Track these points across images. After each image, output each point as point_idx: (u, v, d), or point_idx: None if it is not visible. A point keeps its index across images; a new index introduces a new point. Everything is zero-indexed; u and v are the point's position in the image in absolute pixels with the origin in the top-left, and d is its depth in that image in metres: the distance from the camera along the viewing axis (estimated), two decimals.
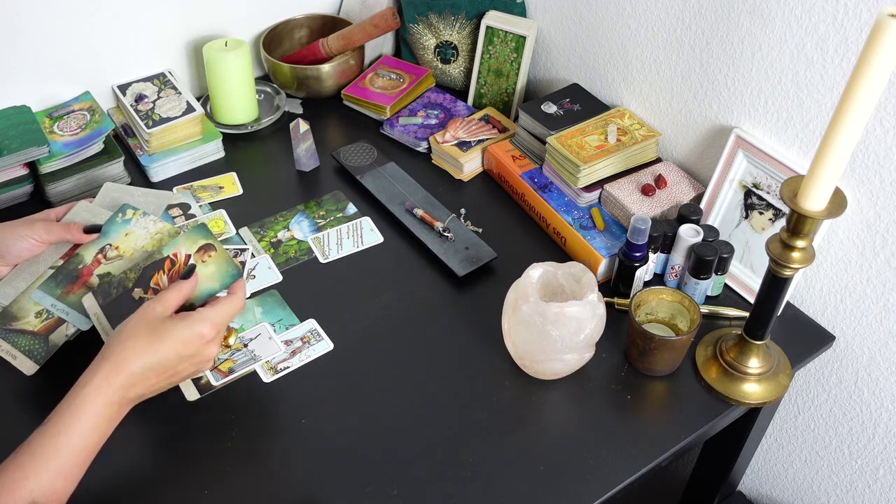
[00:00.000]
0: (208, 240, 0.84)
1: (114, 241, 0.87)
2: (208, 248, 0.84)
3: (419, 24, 1.33)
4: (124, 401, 0.74)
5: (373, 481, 0.81)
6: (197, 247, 0.84)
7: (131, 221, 0.89)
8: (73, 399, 0.71)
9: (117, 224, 0.88)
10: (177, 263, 0.84)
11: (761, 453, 1.22)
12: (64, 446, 0.69)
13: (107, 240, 0.87)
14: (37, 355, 0.85)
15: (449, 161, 1.21)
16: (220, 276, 0.83)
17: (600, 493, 0.81)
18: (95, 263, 0.86)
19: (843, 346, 0.99)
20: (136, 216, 0.89)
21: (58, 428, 0.70)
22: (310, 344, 0.95)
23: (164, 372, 0.76)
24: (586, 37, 1.20)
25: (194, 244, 0.84)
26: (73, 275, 0.86)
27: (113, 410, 0.73)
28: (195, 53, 1.30)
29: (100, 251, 0.87)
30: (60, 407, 0.71)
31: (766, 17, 0.91)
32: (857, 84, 0.64)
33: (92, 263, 0.86)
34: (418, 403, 0.89)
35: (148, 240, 0.88)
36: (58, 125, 1.16)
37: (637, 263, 0.96)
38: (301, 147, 1.17)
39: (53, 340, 0.86)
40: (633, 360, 0.92)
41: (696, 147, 1.09)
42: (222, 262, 0.84)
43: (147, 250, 0.88)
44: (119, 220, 0.88)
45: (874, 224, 0.89)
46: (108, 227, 0.88)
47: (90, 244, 0.87)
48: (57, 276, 0.86)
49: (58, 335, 0.86)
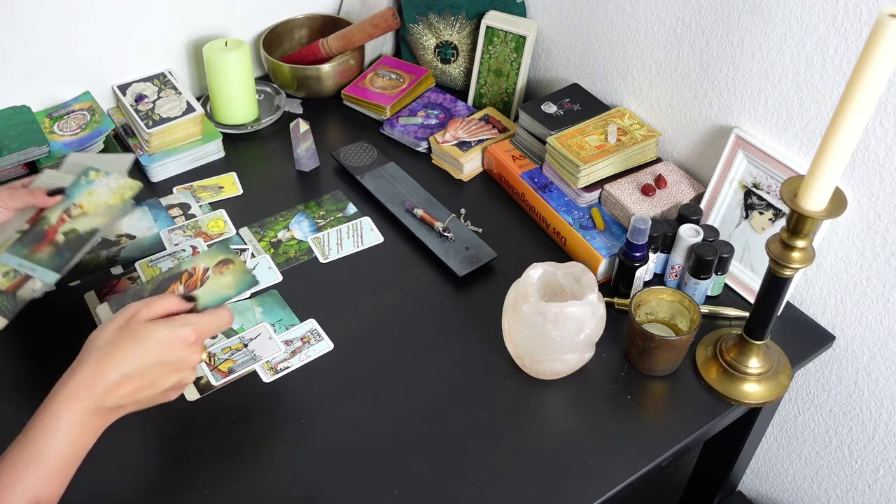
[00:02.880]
0: (228, 255, 0.85)
1: (78, 201, 0.89)
2: (227, 262, 0.84)
3: (419, 24, 1.33)
4: (101, 410, 0.69)
5: (373, 481, 0.81)
6: (216, 261, 0.84)
7: (94, 182, 0.91)
8: (49, 406, 0.68)
9: (81, 185, 0.90)
10: (195, 275, 0.84)
11: (761, 453, 1.22)
12: (42, 457, 0.66)
13: (71, 200, 0.89)
14: (5, 311, 0.86)
15: (449, 161, 1.21)
16: (236, 284, 0.83)
17: (600, 493, 0.81)
18: (60, 223, 0.88)
19: (843, 346, 0.99)
20: (99, 177, 0.91)
21: (34, 437, 0.66)
22: (310, 344, 0.95)
23: (144, 377, 0.71)
24: (586, 37, 1.20)
25: (214, 259, 0.85)
26: (38, 235, 0.88)
27: (90, 419, 0.69)
28: (195, 53, 1.30)
29: (64, 211, 0.89)
30: (37, 415, 0.68)
31: (766, 17, 0.91)
32: (857, 84, 0.64)
33: (57, 223, 0.88)
34: (418, 403, 0.89)
35: (111, 195, 0.90)
36: (58, 125, 1.16)
37: (637, 263, 0.96)
38: (301, 147, 1.17)
39: (21, 296, 0.87)
40: (633, 360, 0.92)
41: (696, 147, 1.09)
42: (240, 273, 0.84)
43: (110, 205, 0.90)
44: (83, 182, 0.90)
45: (874, 224, 0.89)
46: (72, 190, 0.90)
47: (55, 206, 0.89)
48: (23, 238, 0.87)
49: (25, 291, 0.87)
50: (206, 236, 1.08)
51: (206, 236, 1.08)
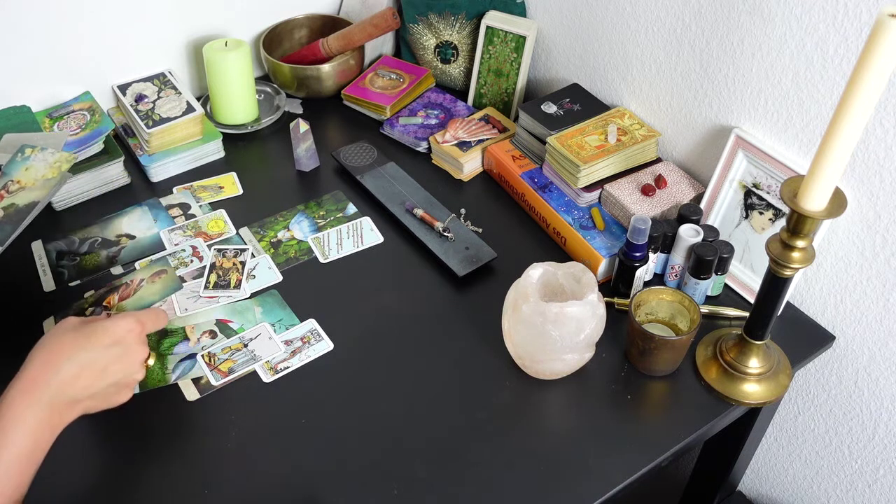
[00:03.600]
0: (163, 266, 0.92)
1: (15, 177, 0.92)
2: (161, 272, 0.93)
3: (419, 24, 1.33)
4: (56, 404, 0.69)
5: (373, 481, 0.81)
6: (152, 272, 0.93)
7: (30, 157, 0.93)
8: (2, 404, 0.67)
9: (17, 162, 0.93)
10: (130, 286, 0.91)
11: (761, 453, 1.22)
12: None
13: (7, 178, 0.91)
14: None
15: (449, 161, 1.21)
16: (162, 291, 0.91)
17: (600, 493, 0.81)
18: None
19: (843, 346, 0.99)
20: (34, 153, 0.94)
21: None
22: (310, 344, 0.95)
23: (94, 365, 0.71)
24: (586, 37, 1.20)
25: (150, 270, 0.93)
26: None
27: (45, 413, 0.68)
28: (195, 53, 1.30)
29: (2, 188, 0.91)
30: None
31: (766, 17, 0.91)
32: (857, 84, 0.64)
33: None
34: (418, 403, 0.89)
35: (48, 168, 0.93)
36: (58, 125, 1.16)
37: (637, 263, 0.96)
38: (301, 147, 1.17)
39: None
40: (633, 360, 0.92)
41: (696, 147, 1.09)
42: (169, 281, 0.92)
43: (48, 178, 0.92)
44: (19, 159, 0.93)
45: (874, 224, 0.89)
46: (9, 168, 0.92)
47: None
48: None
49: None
50: (206, 236, 1.08)
51: (206, 236, 1.08)
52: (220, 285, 1.01)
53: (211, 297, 0.99)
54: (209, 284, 1.01)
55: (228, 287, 1.01)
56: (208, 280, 1.01)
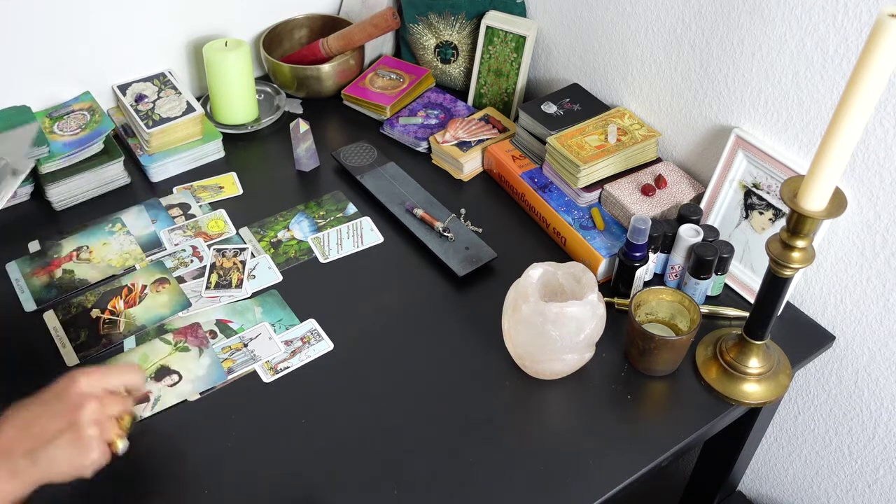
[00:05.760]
0: (164, 274, 0.93)
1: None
2: (163, 281, 0.94)
3: (419, 24, 1.33)
4: (7, 472, 0.64)
5: (373, 481, 0.81)
6: (154, 279, 0.94)
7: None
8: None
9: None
10: (133, 291, 0.94)
11: (761, 453, 1.22)
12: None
13: None
14: None
15: (449, 161, 1.21)
16: (171, 304, 0.92)
17: (600, 493, 0.81)
18: None
19: (843, 346, 0.99)
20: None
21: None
22: (310, 344, 0.95)
23: (32, 426, 0.65)
24: (586, 37, 1.20)
25: (151, 276, 0.94)
26: None
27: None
28: (195, 53, 1.30)
29: None
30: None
31: (766, 17, 0.91)
32: (857, 84, 0.64)
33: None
34: (418, 403, 0.89)
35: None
36: (58, 125, 1.16)
37: (637, 263, 0.96)
38: (301, 147, 1.17)
39: None
40: (633, 360, 0.92)
41: (696, 147, 1.09)
42: (175, 294, 0.93)
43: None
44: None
45: (874, 224, 0.89)
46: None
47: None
48: None
49: None
50: (206, 236, 1.08)
51: (206, 236, 1.08)
52: (221, 285, 1.01)
53: (212, 297, 0.99)
54: (210, 284, 1.01)
55: (230, 287, 1.01)
56: (209, 280, 1.01)
